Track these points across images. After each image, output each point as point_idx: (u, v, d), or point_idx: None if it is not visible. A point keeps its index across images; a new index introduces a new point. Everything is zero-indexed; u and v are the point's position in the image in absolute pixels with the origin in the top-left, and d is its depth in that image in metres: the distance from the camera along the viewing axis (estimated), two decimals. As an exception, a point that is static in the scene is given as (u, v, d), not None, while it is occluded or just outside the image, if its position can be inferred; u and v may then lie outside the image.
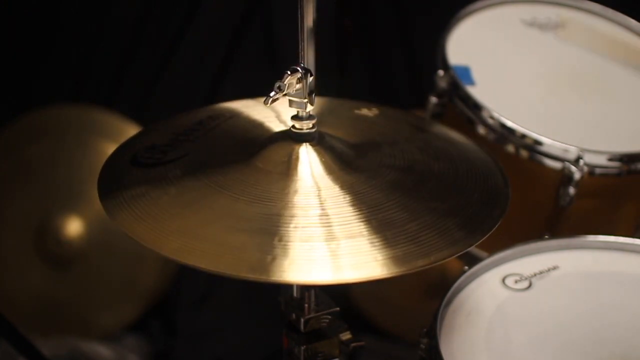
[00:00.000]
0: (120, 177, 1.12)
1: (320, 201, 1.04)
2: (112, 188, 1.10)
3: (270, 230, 1.00)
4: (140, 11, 2.35)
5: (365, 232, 1.00)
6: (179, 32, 2.35)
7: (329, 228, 1.01)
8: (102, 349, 2.12)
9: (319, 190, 1.06)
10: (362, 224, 1.02)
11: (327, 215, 1.02)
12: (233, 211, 1.03)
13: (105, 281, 2.17)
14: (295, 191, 1.06)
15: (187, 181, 1.09)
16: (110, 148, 1.21)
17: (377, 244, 0.99)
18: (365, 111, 1.31)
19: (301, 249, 0.98)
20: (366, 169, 1.11)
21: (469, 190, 1.13)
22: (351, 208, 1.04)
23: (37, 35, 2.36)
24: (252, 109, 1.28)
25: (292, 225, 1.01)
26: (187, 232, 1.01)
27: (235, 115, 1.27)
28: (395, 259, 0.98)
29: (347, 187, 1.07)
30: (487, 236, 1.05)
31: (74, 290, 2.16)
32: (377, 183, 1.09)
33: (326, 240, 0.99)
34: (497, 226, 1.07)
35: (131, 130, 2.15)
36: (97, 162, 1.19)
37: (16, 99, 2.36)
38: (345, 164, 1.11)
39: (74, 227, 2.16)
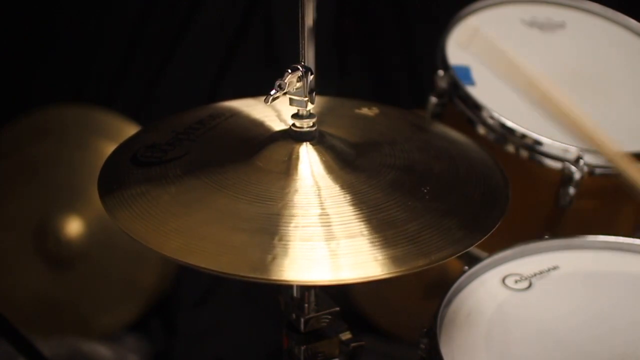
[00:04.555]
0: (120, 176, 1.12)
1: (321, 201, 1.04)
2: (113, 187, 1.10)
3: (270, 229, 1.00)
4: (140, 11, 2.35)
5: (366, 232, 1.00)
6: (179, 31, 2.35)
7: (329, 228, 1.01)
8: (102, 349, 2.12)
9: (319, 190, 1.06)
10: (362, 223, 1.02)
11: (328, 215, 1.02)
12: (233, 210, 1.03)
13: (106, 281, 2.17)
14: (296, 190, 1.06)
15: (187, 180, 1.09)
16: (110, 148, 1.21)
17: (377, 243, 0.99)
18: (365, 110, 1.31)
19: (301, 249, 0.98)
20: (366, 168, 1.11)
21: (469, 190, 1.13)
22: (351, 208, 1.04)
23: (37, 35, 2.36)
24: (253, 108, 1.28)
25: (292, 225, 1.01)
26: (188, 232, 1.01)
27: (236, 114, 1.27)
28: (396, 259, 0.98)
29: (347, 186, 1.07)
30: (487, 236, 1.04)
31: (74, 290, 2.16)
32: (377, 183, 1.09)
33: (326, 240, 0.99)
34: (497, 226, 1.06)
35: (131, 130, 2.15)
36: (97, 162, 1.19)
37: (16, 99, 2.36)
38: (346, 163, 1.11)
39: (74, 227, 2.16)
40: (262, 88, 1.11)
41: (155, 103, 2.36)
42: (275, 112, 1.24)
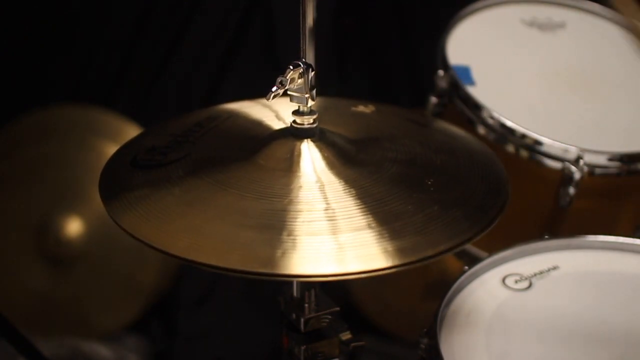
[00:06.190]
0: (121, 180, 1.12)
1: (325, 195, 1.05)
2: (115, 191, 1.10)
3: (278, 225, 1.00)
4: (140, 11, 2.35)
5: (374, 225, 1.01)
6: (179, 32, 2.35)
7: (336, 222, 1.01)
8: (102, 349, 2.12)
9: (323, 185, 1.06)
10: (369, 216, 1.02)
11: (333, 209, 1.03)
12: (239, 208, 1.03)
13: (106, 281, 2.17)
14: (300, 187, 1.06)
15: (190, 181, 1.09)
16: (110, 148, 1.21)
17: (386, 235, 0.99)
18: (362, 108, 1.31)
19: (311, 243, 0.98)
20: (368, 163, 1.12)
21: (471, 181, 1.13)
22: (357, 201, 1.04)
23: (37, 35, 2.36)
24: (251, 109, 1.28)
25: (299, 220, 1.01)
26: (195, 231, 1.01)
27: (234, 116, 1.27)
28: (405, 250, 0.98)
29: (350, 181, 1.07)
30: (492, 226, 1.04)
31: (74, 290, 2.17)
32: (380, 177, 1.09)
33: (335, 234, 0.99)
34: (501, 215, 1.07)
35: (131, 130, 2.16)
36: (97, 162, 1.19)
37: (16, 99, 2.36)
38: (347, 158, 1.11)
39: (74, 227, 2.16)
40: (262, 88, 1.11)
41: (155, 103, 2.36)
42: (273, 112, 1.25)
